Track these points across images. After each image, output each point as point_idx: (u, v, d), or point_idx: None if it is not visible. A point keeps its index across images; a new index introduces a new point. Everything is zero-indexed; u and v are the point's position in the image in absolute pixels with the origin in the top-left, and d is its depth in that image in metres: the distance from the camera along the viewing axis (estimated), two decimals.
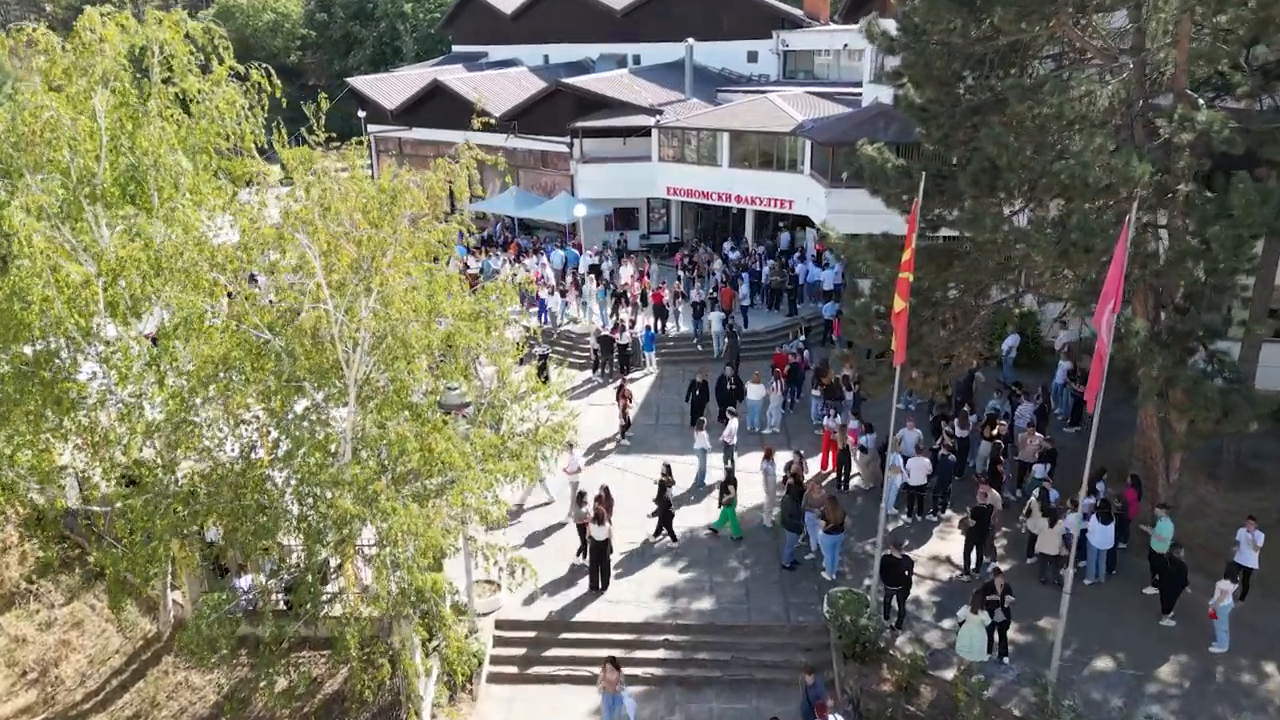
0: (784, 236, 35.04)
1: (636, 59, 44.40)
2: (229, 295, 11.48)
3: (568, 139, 37.01)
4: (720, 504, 18.32)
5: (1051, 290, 15.53)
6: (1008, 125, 14.43)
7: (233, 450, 11.62)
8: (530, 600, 16.43)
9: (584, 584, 16.97)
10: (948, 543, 18.12)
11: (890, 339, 16.52)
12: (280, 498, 11.37)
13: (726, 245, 34.71)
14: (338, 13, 71.77)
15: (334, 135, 11.71)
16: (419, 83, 42.83)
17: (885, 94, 30.58)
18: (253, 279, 12.84)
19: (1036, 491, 16.85)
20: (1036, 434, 19.22)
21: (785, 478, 17.90)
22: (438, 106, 40.46)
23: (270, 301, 11.13)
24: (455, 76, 41.28)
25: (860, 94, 34.21)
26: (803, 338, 26.38)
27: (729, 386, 22.87)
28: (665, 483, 18.21)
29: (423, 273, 11.21)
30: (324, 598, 12.59)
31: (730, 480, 18.56)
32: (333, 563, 13.21)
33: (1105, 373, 12.16)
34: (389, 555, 10.98)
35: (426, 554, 11.35)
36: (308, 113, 11.35)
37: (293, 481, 11.39)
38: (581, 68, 43.88)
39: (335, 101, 52.05)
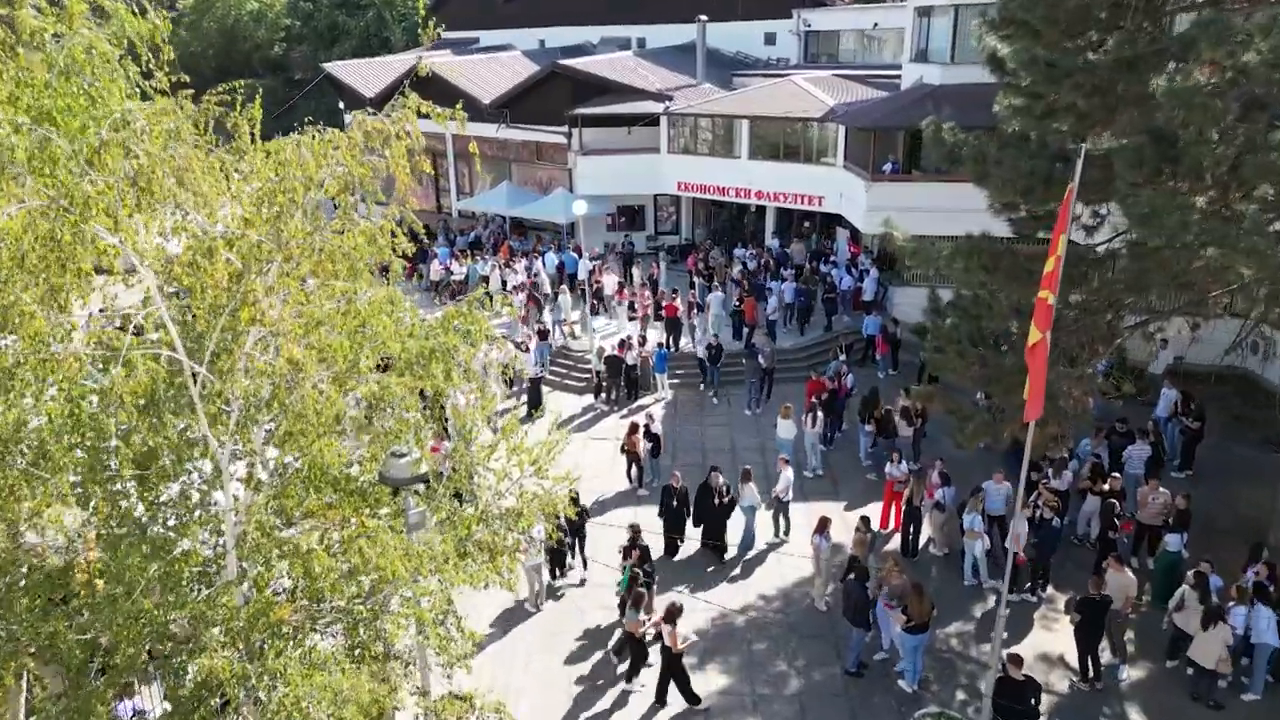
0: (775, 244, 30.59)
1: (641, 42, 40.37)
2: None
3: (565, 129, 32.92)
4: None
5: (1247, 310, 11.46)
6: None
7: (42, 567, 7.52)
8: None
9: (580, 690, 12.89)
10: (1056, 635, 14.02)
11: (991, 374, 12.49)
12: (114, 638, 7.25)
13: (738, 251, 30.37)
14: (323, 1, 67.85)
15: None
16: (400, 68, 38.86)
17: (930, 73, 26.68)
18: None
19: (1190, 577, 12.76)
20: (1161, 488, 15.13)
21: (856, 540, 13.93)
22: (420, 93, 36.27)
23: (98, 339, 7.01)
24: (440, 60, 37.20)
25: (898, 76, 30.20)
26: (843, 357, 22.26)
27: (717, 500, 15.50)
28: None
29: (335, 297, 7.09)
30: None
31: (634, 541, 13.98)
32: None
33: None
34: None
35: None
36: (158, 47, 7.23)
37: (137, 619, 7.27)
38: (580, 51, 39.80)
39: (314, 88, 47.71)
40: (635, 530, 14.25)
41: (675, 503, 15.75)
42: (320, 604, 8.43)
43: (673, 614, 11.99)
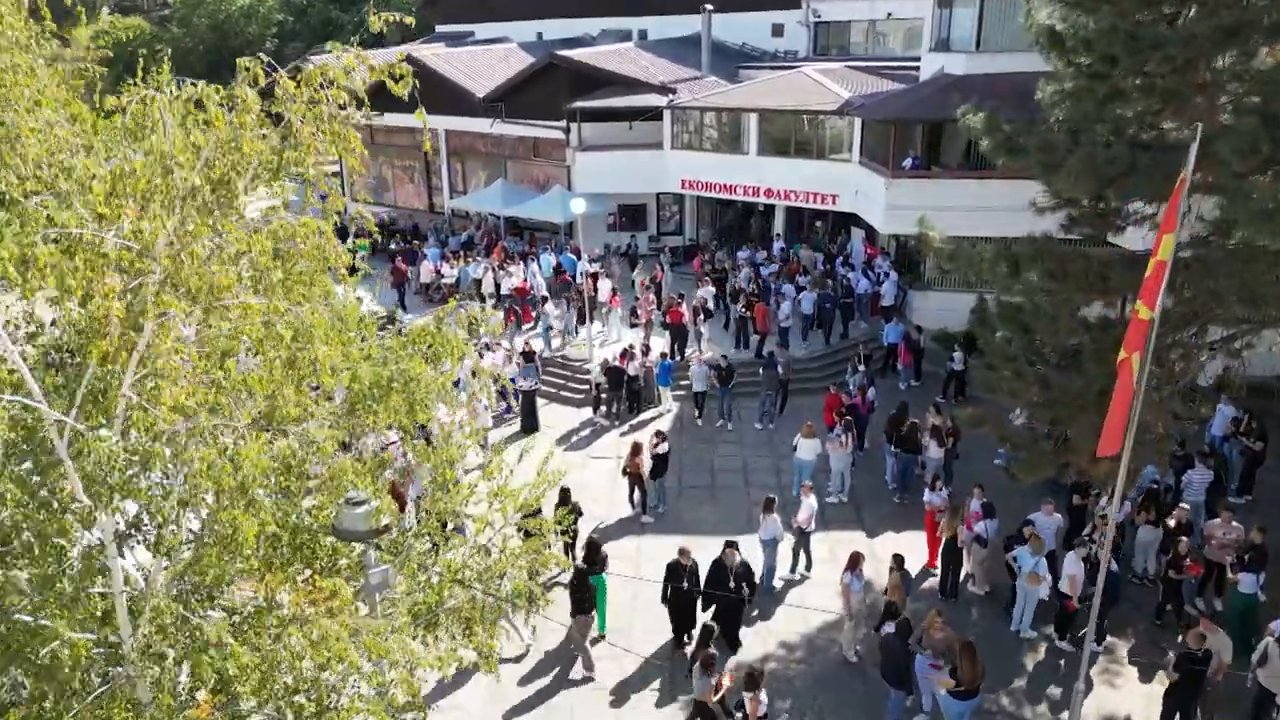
0: (777, 246, 28.68)
1: (643, 34, 38.63)
2: None
3: (563, 123, 31.19)
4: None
5: None
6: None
7: None
8: None
9: None
10: (1121, 692, 12.32)
11: (1055, 397, 10.81)
12: None
13: (742, 253, 28.44)
14: None
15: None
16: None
17: (953, 63, 24.98)
18: None
19: (1275, 629, 11.06)
20: (1234, 521, 13.44)
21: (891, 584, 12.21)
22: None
23: None
24: (431, 52, 35.52)
25: (913, 68, 28.54)
26: (863, 368, 20.56)
27: (731, 583, 12.42)
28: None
29: (244, 318, 5.39)
30: None
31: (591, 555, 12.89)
32: None
33: None
34: None
35: None
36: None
37: None
38: (579, 44, 38.10)
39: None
40: (592, 544, 13.08)
41: (685, 584, 12.64)
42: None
43: (754, 680, 10.30)
